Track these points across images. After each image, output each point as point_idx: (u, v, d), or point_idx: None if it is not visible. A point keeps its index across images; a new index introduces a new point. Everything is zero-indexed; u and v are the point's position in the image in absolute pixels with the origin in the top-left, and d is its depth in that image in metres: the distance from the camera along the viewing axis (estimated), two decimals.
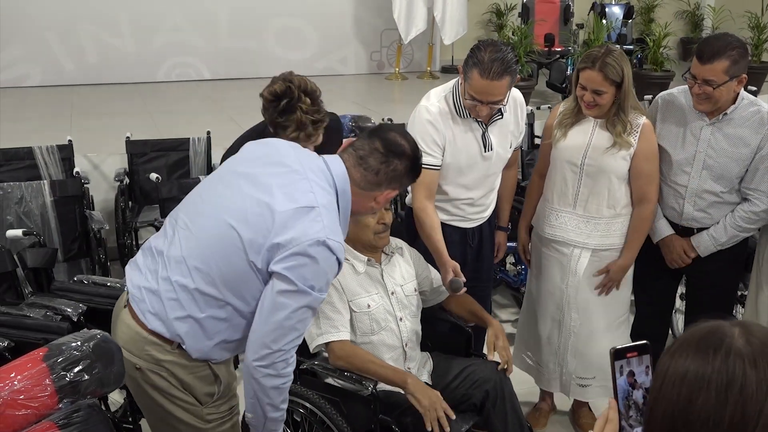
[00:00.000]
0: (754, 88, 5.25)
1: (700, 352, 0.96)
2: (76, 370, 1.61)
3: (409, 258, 2.65)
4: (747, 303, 3.01)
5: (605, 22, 7.47)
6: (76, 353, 1.63)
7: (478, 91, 2.53)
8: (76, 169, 4.12)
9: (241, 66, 7.53)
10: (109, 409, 2.79)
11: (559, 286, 2.88)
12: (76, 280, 2.84)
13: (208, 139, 4.56)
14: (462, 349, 2.68)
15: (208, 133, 4.56)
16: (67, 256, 3.74)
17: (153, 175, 4.03)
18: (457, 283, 2.53)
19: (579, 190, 2.77)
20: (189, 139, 4.56)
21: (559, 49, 7.50)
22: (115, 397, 2.90)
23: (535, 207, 2.96)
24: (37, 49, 6.96)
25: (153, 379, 1.95)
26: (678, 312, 3.44)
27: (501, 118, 2.73)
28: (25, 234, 3.33)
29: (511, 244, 3.22)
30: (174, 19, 7.33)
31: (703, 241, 2.78)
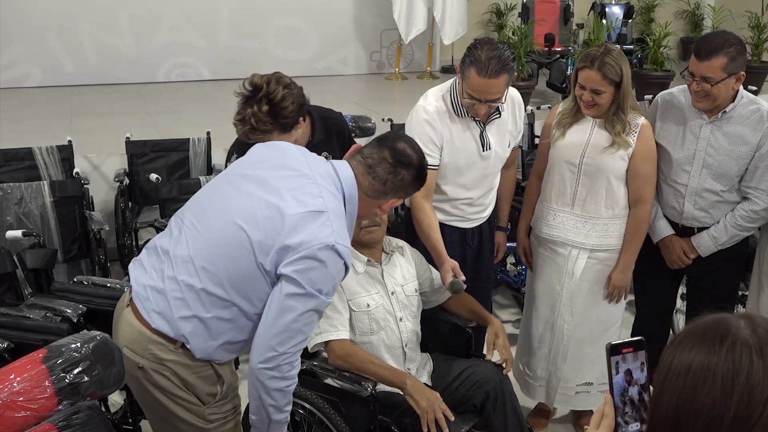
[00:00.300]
0: (754, 87, 5.24)
1: (706, 343, 0.96)
2: (75, 371, 1.61)
3: (410, 258, 2.65)
4: (748, 303, 3.01)
5: (605, 22, 7.46)
6: (76, 355, 1.63)
7: (476, 89, 2.53)
8: (75, 170, 4.12)
9: (241, 66, 7.46)
10: (109, 410, 2.79)
11: (554, 288, 2.87)
12: (75, 281, 2.83)
13: (208, 140, 4.55)
14: (462, 349, 2.68)
15: (208, 133, 4.56)
16: (66, 256, 3.73)
17: (153, 176, 4.02)
18: (458, 284, 2.52)
19: (577, 190, 2.76)
20: (189, 139, 4.55)
21: (559, 49, 7.49)
22: (115, 398, 2.90)
23: (534, 208, 2.95)
24: (37, 49, 6.95)
25: (155, 378, 1.95)
26: (679, 312, 3.43)
27: (499, 117, 2.73)
28: (24, 235, 3.33)
29: (511, 244, 3.22)
30: (174, 20, 7.32)
31: (703, 241, 2.78)
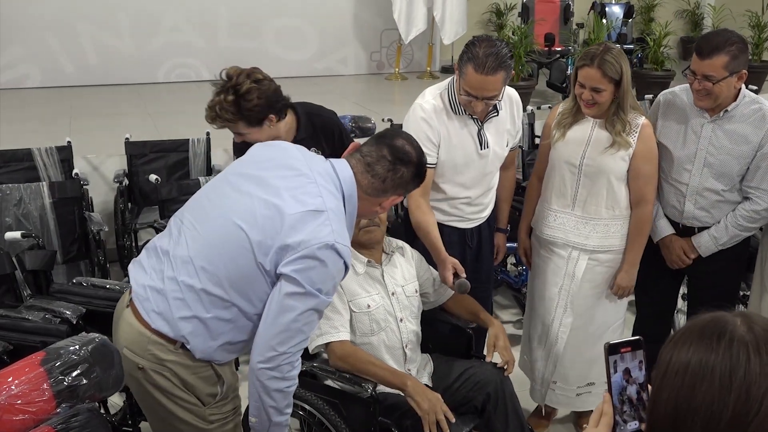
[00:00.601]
0: (755, 87, 5.23)
1: (704, 341, 0.98)
2: (74, 374, 1.59)
3: (411, 258, 2.64)
4: (750, 303, 3.00)
5: (605, 22, 7.46)
6: (74, 357, 1.61)
7: (473, 86, 2.53)
8: (75, 171, 4.11)
9: (241, 66, 7.52)
10: (108, 412, 2.78)
11: (553, 290, 2.86)
12: (75, 282, 2.82)
13: (208, 140, 4.55)
14: (463, 350, 2.67)
15: (207, 134, 4.55)
16: (66, 258, 3.72)
17: (152, 177, 4.02)
18: (464, 285, 2.52)
19: (577, 191, 2.75)
20: (188, 140, 4.55)
21: (560, 48, 7.49)
22: (115, 400, 2.89)
23: (535, 209, 2.95)
24: (36, 50, 6.95)
25: (155, 378, 1.95)
26: (680, 312, 3.42)
27: (496, 115, 2.72)
28: (23, 236, 3.32)
29: (511, 245, 3.21)
30: (173, 20, 7.32)
31: (704, 241, 2.77)
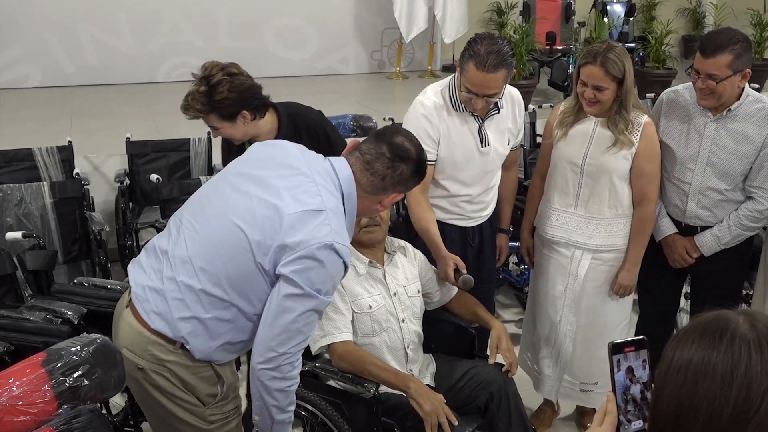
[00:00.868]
0: (757, 85, 5.23)
1: (706, 339, 0.99)
2: (75, 375, 1.59)
3: (413, 258, 2.63)
4: (753, 302, 2.99)
5: (607, 20, 7.44)
6: (76, 358, 1.61)
7: (474, 83, 2.53)
8: (76, 171, 4.11)
9: (241, 66, 7.52)
10: (110, 412, 2.78)
11: (558, 289, 2.86)
12: (76, 282, 2.81)
13: (209, 140, 4.54)
14: (466, 350, 2.66)
15: (208, 133, 4.53)
16: (67, 258, 3.72)
17: (153, 176, 4.01)
18: (469, 281, 2.52)
19: (580, 190, 2.75)
20: (189, 139, 4.54)
21: (561, 47, 7.47)
22: (116, 400, 2.88)
23: (537, 209, 2.94)
24: (36, 50, 6.94)
25: (155, 379, 1.94)
26: (682, 311, 3.41)
27: (497, 113, 2.72)
28: (24, 236, 3.32)
29: (513, 244, 3.20)
30: (174, 20, 7.31)
31: (706, 241, 2.76)
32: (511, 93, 2.79)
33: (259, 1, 7.54)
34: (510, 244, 3.15)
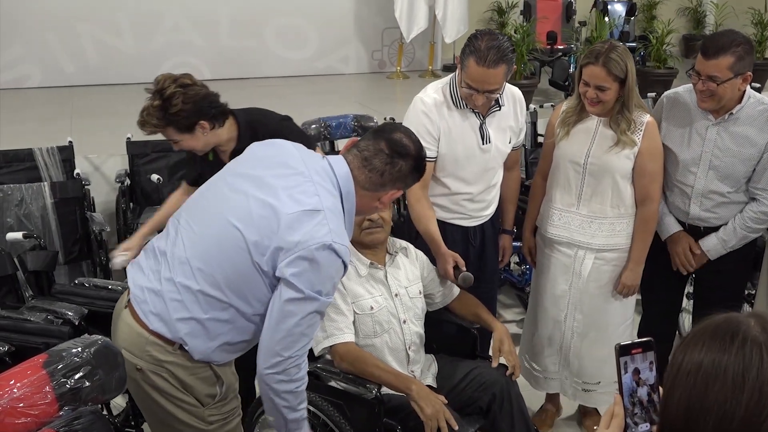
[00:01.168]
0: (758, 84, 5.22)
1: (716, 342, 0.99)
2: (76, 376, 1.59)
3: (415, 259, 2.63)
4: (756, 303, 2.99)
5: (607, 20, 7.42)
6: (77, 360, 1.61)
7: (474, 78, 2.52)
8: (76, 171, 4.09)
9: (242, 66, 7.50)
10: (111, 413, 2.77)
11: (562, 288, 2.85)
12: (77, 283, 2.82)
13: None
14: (468, 351, 2.66)
15: None
16: (68, 258, 3.72)
17: (154, 176, 4.00)
18: (468, 278, 2.51)
19: (582, 190, 2.74)
20: None
21: (562, 46, 7.44)
22: (117, 401, 2.87)
23: (539, 208, 2.93)
24: (37, 49, 6.93)
25: (154, 380, 1.94)
26: (684, 311, 3.41)
27: (499, 109, 2.71)
28: (25, 237, 3.31)
29: (515, 244, 3.20)
30: (174, 19, 7.29)
31: (712, 245, 2.74)
32: (513, 92, 2.79)
33: (259, 0, 7.53)
34: (512, 244, 3.14)
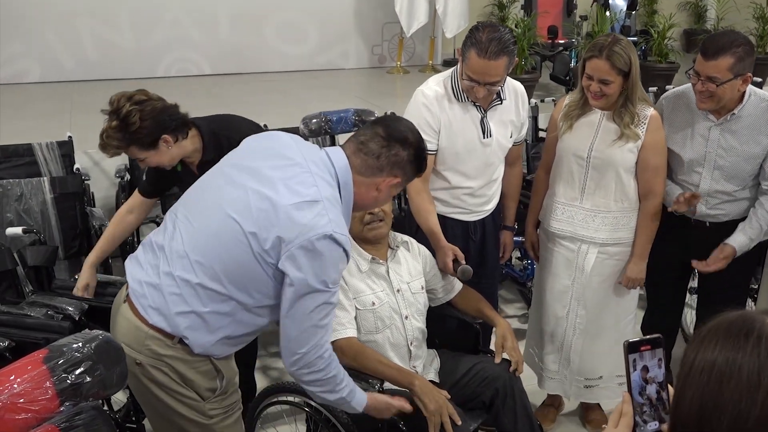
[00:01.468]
0: (759, 79, 5.19)
1: (730, 340, 0.97)
2: (77, 372, 1.57)
3: (417, 254, 2.61)
4: (759, 297, 2.98)
5: (609, 14, 7.40)
6: (78, 355, 1.59)
7: (476, 70, 2.51)
8: (76, 166, 4.07)
9: (242, 61, 7.49)
10: (112, 408, 2.76)
11: (565, 283, 2.84)
12: (77, 278, 2.80)
13: None
14: (470, 346, 2.64)
15: None
16: (68, 253, 3.71)
17: None
18: (467, 271, 2.50)
19: (586, 184, 2.73)
20: None
21: (563, 41, 7.42)
22: (118, 396, 2.87)
23: (542, 202, 2.92)
24: (36, 45, 6.91)
25: (153, 374, 1.94)
26: (687, 306, 3.39)
27: (500, 103, 2.69)
28: (25, 232, 3.30)
29: (516, 239, 3.18)
30: (174, 14, 7.28)
31: (739, 244, 2.68)
32: (515, 86, 2.78)
33: None
34: (514, 239, 3.13)
